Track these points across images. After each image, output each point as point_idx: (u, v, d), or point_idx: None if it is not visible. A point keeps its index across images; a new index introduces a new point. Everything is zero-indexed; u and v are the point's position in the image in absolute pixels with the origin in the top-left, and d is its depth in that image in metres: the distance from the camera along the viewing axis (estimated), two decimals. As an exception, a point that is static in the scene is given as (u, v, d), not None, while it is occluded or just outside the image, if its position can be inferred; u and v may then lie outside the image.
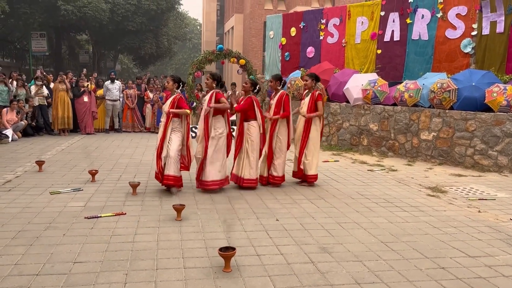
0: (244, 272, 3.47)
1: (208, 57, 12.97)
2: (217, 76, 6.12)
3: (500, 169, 7.93)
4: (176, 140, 5.86)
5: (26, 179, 6.54)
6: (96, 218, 4.73)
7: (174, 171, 5.81)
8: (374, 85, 10.05)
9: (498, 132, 7.93)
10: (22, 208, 5.05)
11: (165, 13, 26.51)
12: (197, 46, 50.54)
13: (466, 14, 9.58)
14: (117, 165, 7.97)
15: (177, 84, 6.07)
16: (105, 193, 5.87)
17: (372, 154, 9.77)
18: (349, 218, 5.05)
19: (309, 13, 13.38)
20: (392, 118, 9.58)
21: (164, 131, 5.88)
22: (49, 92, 12.32)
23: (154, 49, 27.07)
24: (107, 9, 22.72)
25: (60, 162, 8.06)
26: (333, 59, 12.36)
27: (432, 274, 3.54)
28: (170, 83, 6.06)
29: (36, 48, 23.76)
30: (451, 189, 6.60)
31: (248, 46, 31.49)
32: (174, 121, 5.91)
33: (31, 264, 3.51)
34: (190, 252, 3.85)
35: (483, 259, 3.89)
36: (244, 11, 33.78)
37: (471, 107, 8.35)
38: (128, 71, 42.64)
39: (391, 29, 11.05)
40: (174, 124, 5.91)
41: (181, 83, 6.15)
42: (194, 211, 5.13)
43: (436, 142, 8.76)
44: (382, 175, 7.60)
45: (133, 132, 13.44)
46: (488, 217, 5.23)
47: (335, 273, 3.51)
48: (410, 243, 4.24)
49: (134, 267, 3.50)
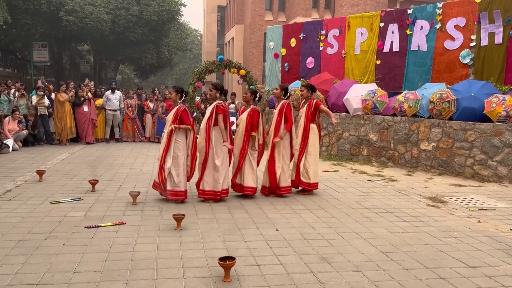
0: (244, 282, 3.47)
1: (208, 67, 13.05)
2: (219, 86, 6.11)
3: (500, 179, 7.94)
4: (181, 157, 5.96)
5: (27, 189, 6.55)
6: (96, 228, 4.73)
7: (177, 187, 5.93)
8: (373, 95, 10.10)
9: (497, 142, 7.95)
10: (22, 217, 5.05)
11: (166, 24, 26.68)
12: (197, 57, 50.84)
13: (464, 25, 9.66)
14: (117, 174, 7.98)
15: (180, 95, 6.07)
16: (105, 202, 5.88)
17: (372, 164, 9.79)
18: (349, 228, 5.05)
19: (309, 24, 13.49)
20: (391, 128, 9.61)
21: (167, 142, 5.92)
22: (50, 102, 12.38)
23: (155, 59, 27.20)
24: (108, 20, 22.90)
25: (61, 171, 8.07)
26: (333, 70, 12.44)
27: (432, 284, 3.53)
28: (173, 94, 6.07)
29: (37, 58, 23.90)
30: (451, 199, 6.61)
31: (248, 57, 31.69)
32: (178, 133, 5.94)
33: (31, 273, 3.51)
34: (190, 261, 3.85)
35: (483, 269, 3.88)
36: (244, 22, 34.04)
37: (470, 117, 8.39)
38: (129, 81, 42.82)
39: (390, 40, 11.13)
40: (178, 135, 5.94)
41: (184, 93, 6.17)
42: (194, 220, 5.13)
43: (436, 152, 8.77)
44: (382, 185, 7.61)
45: (134, 142, 13.47)
46: (488, 227, 5.23)
47: (335, 283, 3.50)
48: (410, 253, 4.24)
49: (134, 277, 3.50)
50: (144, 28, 24.92)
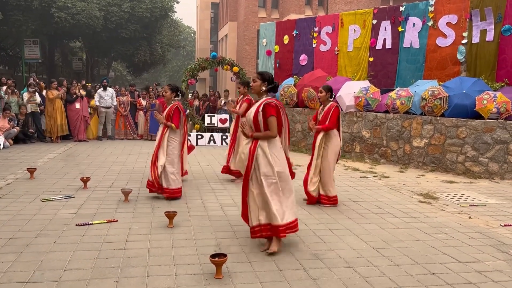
0: (236, 278, 3.47)
1: (201, 64, 13.03)
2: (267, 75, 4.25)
3: (490, 175, 8.00)
4: (176, 155, 5.92)
5: (17, 187, 6.50)
6: (87, 225, 4.71)
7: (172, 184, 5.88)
8: (366, 92, 10.12)
9: (488, 139, 8.01)
10: (12, 215, 5.01)
11: (159, 20, 26.53)
12: (191, 54, 50.64)
13: (456, 22, 9.71)
14: (109, 172, 7.94)
15: (175, 93, 6.03)
16: (97, 200, 5.85)
17: (365, 161, 9.82)
18: (341, 224, 5.07)
19: (302, 21, 13.49)
20: (384, 125, 9.65)
21: (160, 138, 5.90)
22: (42, 99, 12.28)
23: (148, 56, 27.06)
24: (100, 17, 22.72)
25: (52, 169, 8.02)
26: (326, 67, 12.45)
27: (423, 280, 3.55)
28: (168, 93, 6.00)
29: (29, 55, 23.69)
30: (443, 196, 6.65)
31: (242, 54, 31.62)
32: (171, 131, 5.92)
33: (21, 271, 3.48)
34: (182, 259, 3.84)
35: (473, 265, 3.91)
36: (238, 19, 33.96)
37: (462, 114, 8.44)
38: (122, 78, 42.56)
39: (383, 37, 11.16)
40: (171, 133, 5.91)
41: (179, 92, 6.09)
42: (186, 218, 5.12)
43: (428, 149, 8.82)
44: (374, 182, 7.64)
45: (126, 139, 13.41)
46: (479, 223, 5.27)
47: (326, 279, 3.51)
48: (401, 249, 4.26)
49: (125, 274, 3.49)
50: (137, 25, 24.76)
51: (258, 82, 4.20)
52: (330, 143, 5.83)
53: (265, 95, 4.19)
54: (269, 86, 4.18)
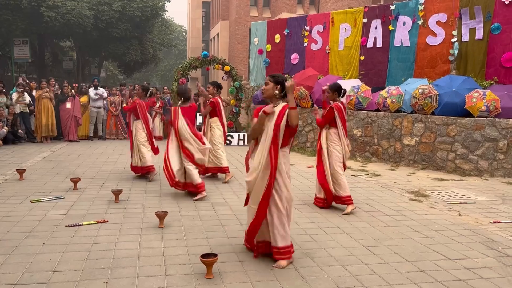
0: (226, 278, 3.46)
1: (192, 63, 12.98)
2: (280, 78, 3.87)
3: (480, 173, 8.07)
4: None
5: (6, 188, 6.43)
6: (77, 226, 4.67)
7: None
8: (357, 91, 10.16)
9: (478, 136, 8.07)
10: (1, 217, 4.96)
11: (150, 19, 26.36)
12: (182, 53, 50.45)
13: (446, 21, 9.78)
14: (100, 172, 7.89)
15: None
16: (87, 201, 5.81)
17: (356, 159, 9.86)
18: (332, 223, 5.08)
19: (293, 20, 13.50)
20: (375, 124, 9.69)
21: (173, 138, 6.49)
22: (31, 99, 12.17)
23: (139, 55, 26.90)
24: (91, 16, 22.53)
25: (42, 170, 7.95)
26: (317, 66, 12.47)
27: (412, 277, 3.58)
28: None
29: (18, 55, 23.41)
30: (433, 193, 6.69)
31: (233, 53, 31.59)
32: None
33: (9, 273, 3.45)
34: (172, 259, 3.83)
35: (462, 262, 3.94)
36: (229, 18, 33.90)
37: (452, 112, 8.50)
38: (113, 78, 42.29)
39: (373, 36, 11.21)
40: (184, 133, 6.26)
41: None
42: (177, 218, 5.10)
43: (419, 147, 8.87)
44: (365, 180, 7.67)
45: (117, 140, 13.33)
46: (468, 220, 5.31)
47: (316, 278, 3.52)
48: (391, 247, 4.28)
49: (115, 275, 3.47)
50: (128, 24, 24.59)
51: (270, 85, 3.80)
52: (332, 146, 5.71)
53: (281, 100, 3.81)
54: (282, 89, 3.78)
